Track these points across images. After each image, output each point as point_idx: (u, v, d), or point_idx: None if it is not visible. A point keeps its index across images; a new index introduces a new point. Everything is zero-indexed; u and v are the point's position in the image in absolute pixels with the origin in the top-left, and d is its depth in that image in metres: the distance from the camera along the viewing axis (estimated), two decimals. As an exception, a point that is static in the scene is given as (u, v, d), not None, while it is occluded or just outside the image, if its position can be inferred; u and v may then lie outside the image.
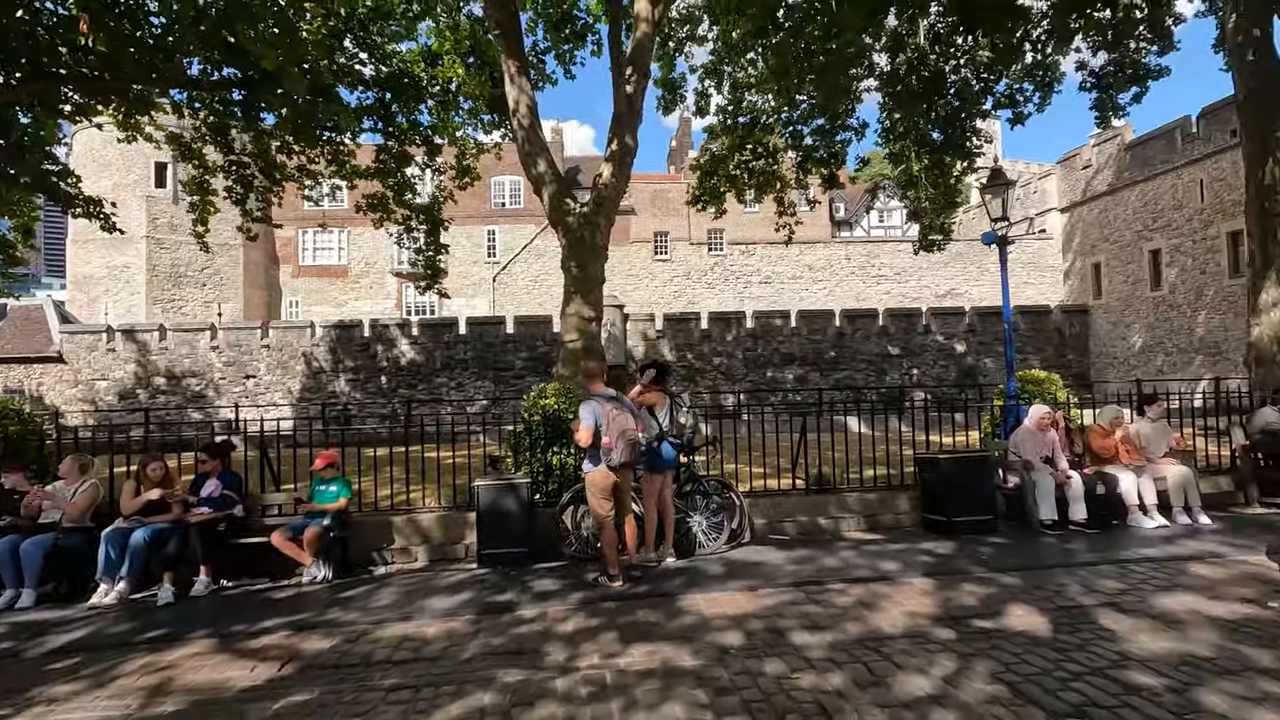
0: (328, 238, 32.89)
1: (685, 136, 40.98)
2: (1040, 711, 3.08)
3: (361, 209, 16.04)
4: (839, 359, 24.56)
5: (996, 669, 3.54)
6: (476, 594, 5.22)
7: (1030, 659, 3.67)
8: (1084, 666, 3.55)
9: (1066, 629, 4.09)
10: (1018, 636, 4.01)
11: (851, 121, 15.79)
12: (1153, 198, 23.18)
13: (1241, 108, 11.87)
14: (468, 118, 15.69)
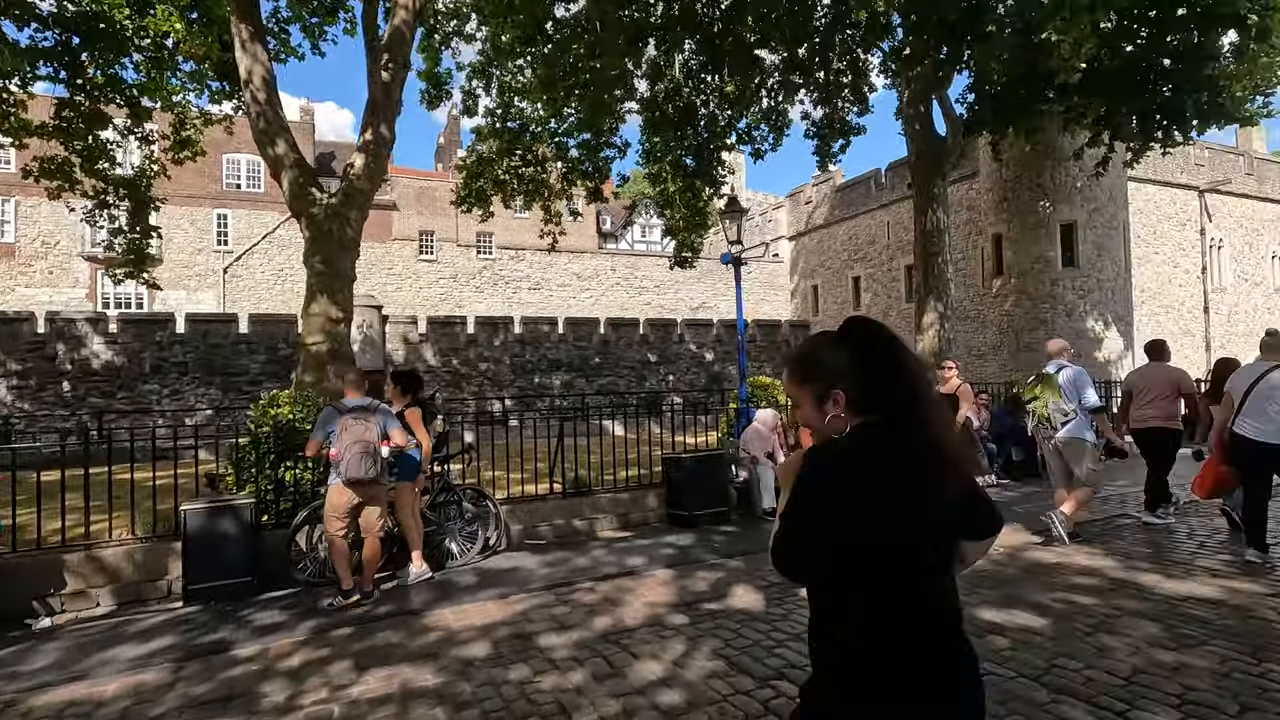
0: (-16, 207, 25.95)
1: (453, 135, 39.76)
2: (749, 678, 3.50)
3: (33, 174, 12.95)
4: (603, 365, 25.58)
5: (718, 646, 3.95)
6: (179, 637, 4.47)
7: (746, 633, 4.15)
8: (787, 634, 4.11)
9: (776, 603, 4.70)
10: (738, 614, 4.51)
11: (615, 140, 16.62)
12: (855, 233, 27.82)
13: (912, 166, 14.79)
14: (189, 81, 13.51)
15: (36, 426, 17.52)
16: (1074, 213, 17.74)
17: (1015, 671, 3.50)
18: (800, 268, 31.70)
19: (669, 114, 15.55)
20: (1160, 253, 22.66)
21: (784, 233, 32.86)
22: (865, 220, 27.27)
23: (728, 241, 9.06)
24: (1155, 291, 22.32)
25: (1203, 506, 7.26)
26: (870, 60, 15.13)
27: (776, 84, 15.97)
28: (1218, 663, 3.54)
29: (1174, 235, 23.17)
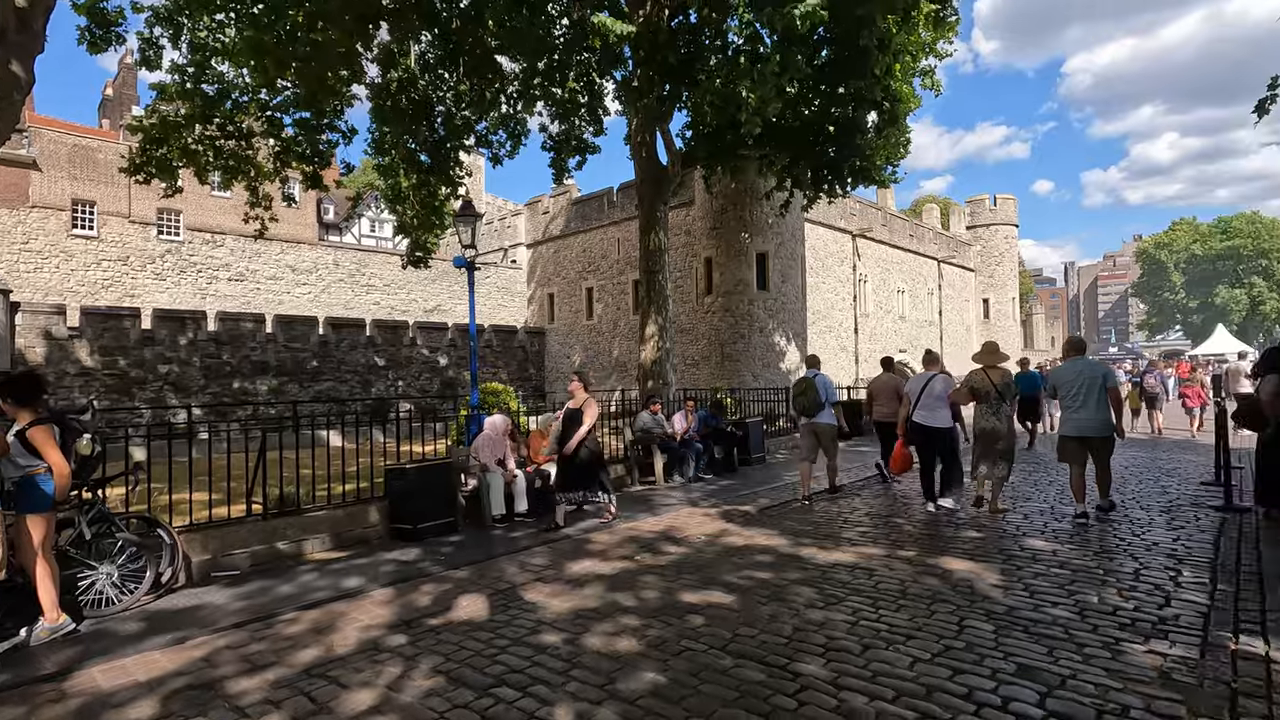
0: None
1: (128, 87, 32.86)
2: (468, 690, 3.47)
3: None
4: (322, 369, 23.18)
5: (438, 662, 3.84)
6: None
7: (468, 644, 4.10)
8: (509, 639, 4.16)
9: (501, 609, 4.73)
10: (461, 625, 4.44)
11: (340, 123, 15.23)
12: (589, 246, 29.23)
13: (639, 189, 16.05)
14: None
15: None
16: (767, 244, 20.84)
17: (707, 645, 3.99)
18: (538, 275, 32.29)
19: (402, 105, 14.73)
20: (826, 283, 27.73)
21: (523, 240, 33.19)
22: (599, 235, 28.79)
23: (461, 245, 8.89)
24: (823, 314, 27.22)
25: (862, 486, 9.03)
26: (605, 85, 16.06)
27: (516, 92, 16.11)
28: (850, 614, 4.44)
29: (836, 269, 28.55)
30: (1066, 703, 3.19)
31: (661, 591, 5.03)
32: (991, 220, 40.81)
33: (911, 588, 4.94)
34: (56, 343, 18.45)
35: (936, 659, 3.71)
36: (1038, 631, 4.06)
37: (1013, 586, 4.91)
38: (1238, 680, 3.38)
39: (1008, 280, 40.84)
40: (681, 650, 3.92)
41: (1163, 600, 4.57)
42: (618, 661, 3.79)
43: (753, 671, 3.62)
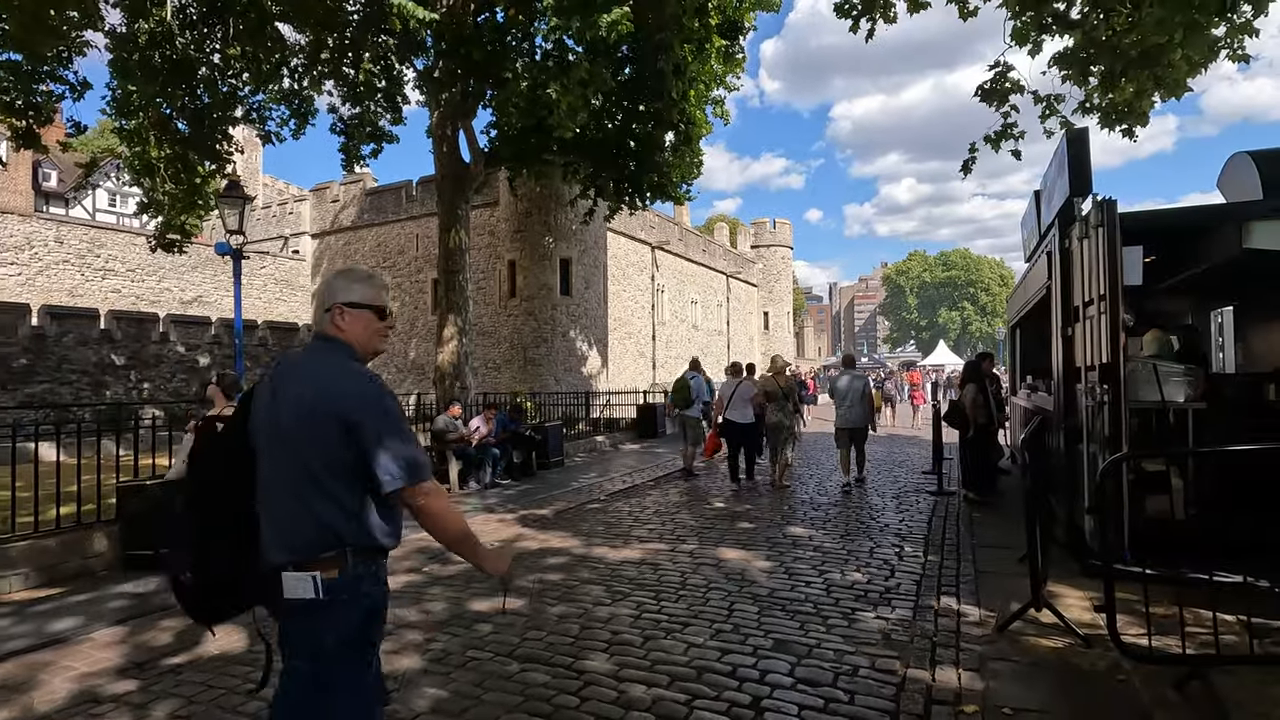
0: None
1: None
2: (215, 733, 3.07)
3: None
4: (36, 368, 19.06)
5: (177, 706, 3.35)
6: None
7: (219, 682, 3.63)
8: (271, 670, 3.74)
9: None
10: (211, 662, 3.91)
11: (67, 74, 12.68)
12: (385, 240, 27.45)
13: (439, 185, 15.42)
14: None
15: None
16: (570, 250, 21.15)
17: (493, 653, 3.94)
18: (324, 268, 29.59)
19: (155, 62, 12.69)
20: (626, 291, 28.84)
21: (307, 229, 30.22)
22: (396, 229, 27.17)
23: (226, 230, 7.86)
24: (624, 321, 28.26)
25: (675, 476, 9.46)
26: (406, 72, 15.22)
27: (301, 66, 14.66)
28: (634, 608, 4.66)
29: (636, 278, 29.81)
30: (811, 669, 3.65)
31: (449, 602, 4.87)
32: (772, 241, 45.39)
33: (691, 578, 5.31)
34: None
35: (708, 642, 4.03)
36: (793, 609, 4.58)
37: (776, 571, 5.49)
38: (937, 634, 4.11)
39: (784, 296, 45.69)
40: (466, 661, 3.83)
41: (889, 573, 5.40)
42: (395, 680, 3.59)
43: (538, 674, 3.65)
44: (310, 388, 1.89)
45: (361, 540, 1.87)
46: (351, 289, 2.00)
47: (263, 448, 1.93)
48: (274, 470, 1.90)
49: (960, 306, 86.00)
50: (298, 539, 1.85)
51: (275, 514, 1.89)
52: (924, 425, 19.85)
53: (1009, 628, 4.07)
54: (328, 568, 1.83)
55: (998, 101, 7.59)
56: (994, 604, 4.53)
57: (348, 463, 1.84)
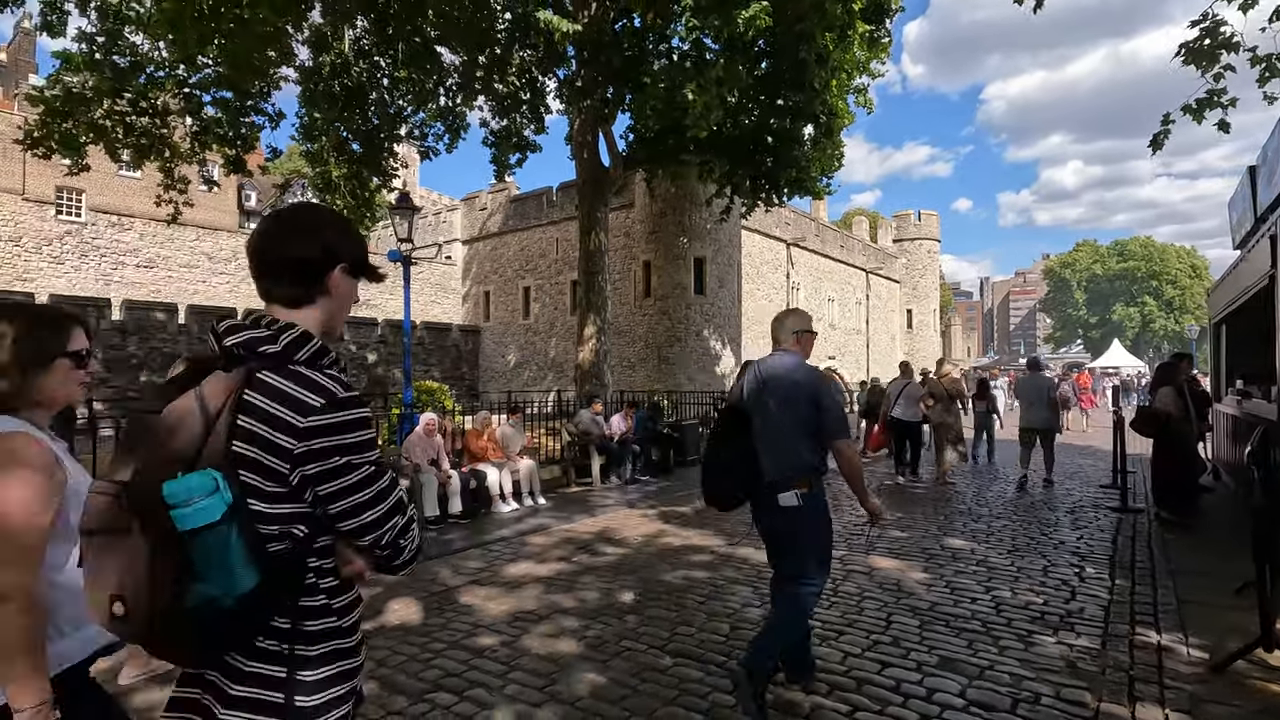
0: None
1: (24, 55, 30.33)
2: (402, 697, 3.37)
3: None
4: (240, 363, 22.02)
5: (370, 669, 3.70)
6: None
7: (402, 649, 3.98)
8: (445, 643, 4.06)
9: (435, 613, 4.61)
10: (394, 631, 4.30)
11: (266, 106, 14.52)
12: (527, 245, 28.91)
13: (580, 190, 16.00)
14: None
15: None
16: (704, 249, 21.16)
17: (646, 645, 4.01)
18: (474, 273, 31.69)
19: (335, 91, 14.20)
20: (760, 289, 28.39)
21: (459, 236, 32.50)
22: (537, 234, 28.52)
23: (397, 239, 8.62)
24: (758, 319, 27.85)
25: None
26: (547, 83, 15.94)
27: (455, 85, 15.78)
28: (785, 612, 4.55)
29: (770, 276, 29.27)
30: (985, 692, 3.38)
31: (600, 592, 5.02)
32: (916, 235, 42.77)
33: (843, 586, 5.11)
34: (-66, 328, 16.82)
35: (866, 653, 3.85)
36: (959, 626, 4.27)
37: (935, 584, 5.15)
38: (1135, 667, 3.66)
39: (930, 292, 42.90)
40: (621, 650, 3.93)
41: (1069, 595, 4.89)
42: (557, 664, 3.76)
43: (692, 670, 3.66)
44: (789, 379, 3.30)
45: (820, 469, 3.26)
46: (804, 322, 3.49)
47: (758, 413, 3.31)
48: (768, 426, 3.27)
49: (1140, 302, 76.40)
50: (787, 469, 3.21)
51: (772, 453, 3.23)
52: (1096, 432, 17.93)
53: (1228, 668, 3.54)
54: (802, 486, 3.20)
55: (1206, 63, 6.60)
56: (1205, 639, 3.97)
57: (811, 423, 3.21)
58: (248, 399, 1.18)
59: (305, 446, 1.18)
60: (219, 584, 1.09)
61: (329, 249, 1.32)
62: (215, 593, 1.09)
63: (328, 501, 1.22)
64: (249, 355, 1.22)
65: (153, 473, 1.11)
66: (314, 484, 1.20)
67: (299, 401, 1.18)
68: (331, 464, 1.20)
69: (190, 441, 1.14)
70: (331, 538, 1.27)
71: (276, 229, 1.31)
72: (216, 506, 1.09)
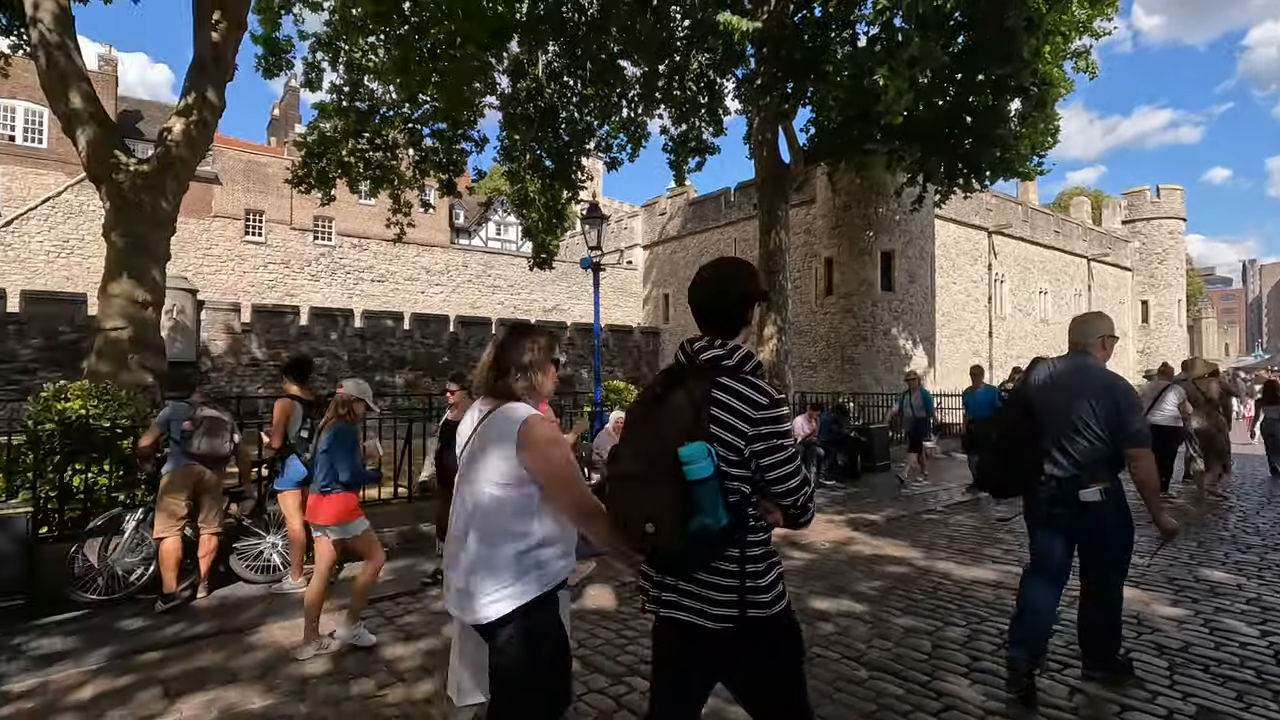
0: None
1: (291, 108, 36.50)
2: (602, 676, 3.58)
3: None
4: (453, 364, 24.67)
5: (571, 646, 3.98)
6: (-77, 675, 3.71)
7: (599, 632, 4.22)
8: (638, 631, 4.24)
9: (627, 601, 4.83)
10: (591, 614, 4.58)
11: (473, 133, 16.15)
12: (706, 247, 29.21)
13: (759, 188, 15.85)
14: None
15: None
16: (893, 243, 19.92)
17: (840, 654, 3.87)
18: (654, 276, 32.67)
19: (529, 113, 15.41)
20: (957, 283, 26.09)
21: (639, 241, 33.71)
22: (715, 235, 28.71)
23: (588, 247, 9.16)
24: (953, 316, 25.65)
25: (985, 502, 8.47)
26: (725, 85, 16.00)
27: (637, 96, 16.39)
28: (996, 634, 4.16)
29: (968, 269, 26.79)
30: (1266, 755, 2.82)
31: (790, 596, 4.93)
32: (1154, 214, 36.75)
33: (1067, 613, 4.55)
34: (234, 336, 20.85)
35: (1101, 692, 3.40)
36: (1222, 673, 3.61)
37: (1189, 621, 4.40)
38: None
39: (1172, 280, 36.63)
40: (812, 657, 3.83)
41: (1386, 650, 3.93)
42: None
43: (890, 685, 3.48)
44: (1095, 381, 3.30)
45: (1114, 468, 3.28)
46: (1109, 327, 3.48)
47: (1049, 410, 3.33)
48: (1060, 423, 3.28)
49: None
50: (1085, 466, 3.23)
51: (1066, 450, 3.27)
52: None
53: None
54: (1103, 483, 3.23)
55: None
56: None
57: (1110, 426, 3.20)
58: (716, 396, 1.77)
59: (755, 431, 1.75)
60: (711, 517, 1.65)
61: (750, 293, 1.96)
62: (709, 522, 1.65)
63: (766, 470, 1.77)
64: (712, 367, 1.84)
65: (669, 439, 1.69)
66: (757, 457, 1.76)
67: (751, 400, 1.76)
68: (770, 443, 1.76)
69: (687, 421, 1.73)
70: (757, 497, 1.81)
71: (716, 281, 1.99)
72: (709, 466, 1.65)
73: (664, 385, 1.87)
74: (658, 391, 1.88)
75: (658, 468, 1.68)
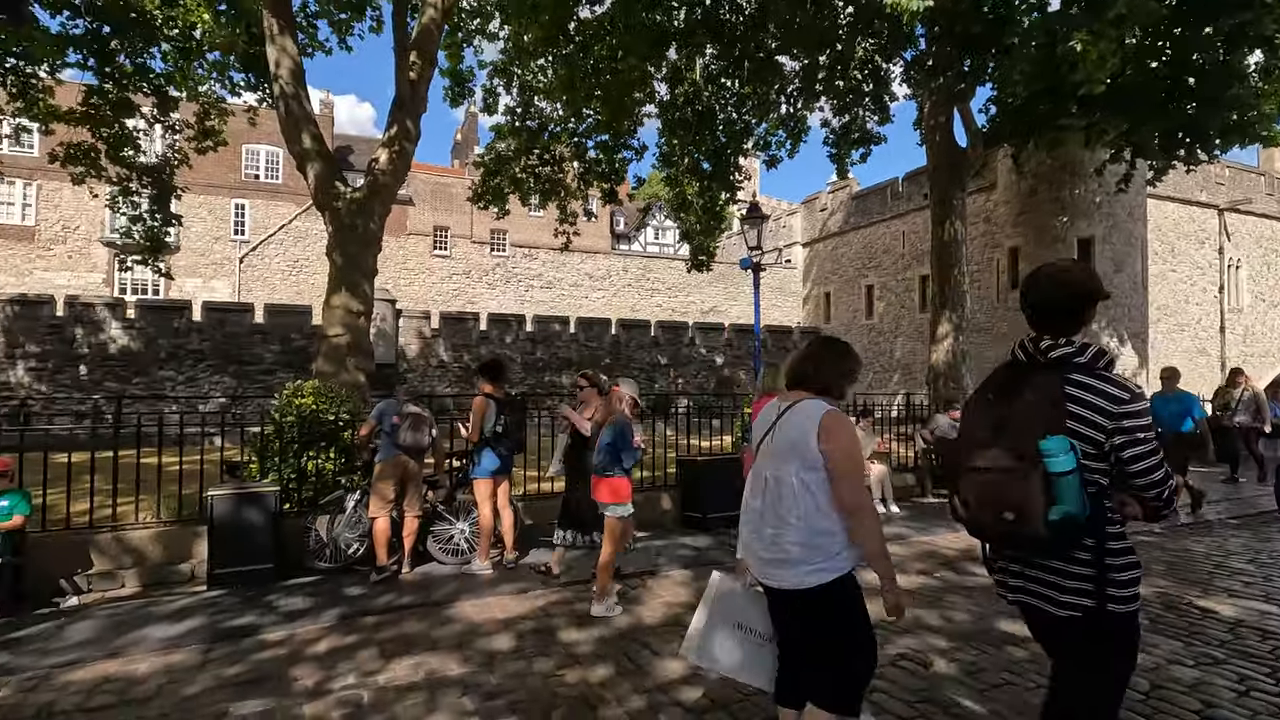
0: (7, 190, 26.24)
1: (471, 132, 39.91)
2: (771, 680, 3.54)
3: (59, 159, 13.12)
4: (614, 366, 25.63)
5: (738, 647, 3.98)
6: (207, 619, 4.55)
7: (765, 635, 4.18)
8: (805, 637, 4.14)
9: (793, 606, 4.74)
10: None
11: (633, 142, 16.67)
12: (870, 242, 27.79)
13: (931, 177, 14.78)
14: (214, 72, 13.67)
15: (53, 409, 17.76)
16: (1092, 228, 17.66)
17: (1036, 683, 3.52)
18: (814, 274, 31.67)
19: (687, 117, 15.60)
20: (1177, 270, 22.53)
21: (798, 239, 32.84)
22: (881, 229, 27.23)
23: (748, 247, 9.10)
24: (1172, 309, 22.20)
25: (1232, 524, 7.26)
26: (892, 70, 15.13)
27: (796, 91, 16.00)
28: (1235, 680, 3.56)
29: (1192, 253, 23.04)
30: None
31: (972, 616, 4.58)
32: None
33: (1333, 661, 3.78)
34: (424, 340, 23.24)
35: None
36: None
37: None
38: None
39: None
40: (1000, 683, 3.53)
41: None
42: (925, 680, 3.55)
43: (1099, 724, 3.10)
44: None
45: None
46: None
47: None
48: None
49: None
50: None
51: None
52: None
53: None
54: None
55: None
56: None
57: None
58: (1071, 392, 1.86)
59: (1115, 425, 1.82)
60: (1074, 507, 1.76)
61: (1093, 292, 2.01)
62: (1072, 512, 1.76)
63: (1128, 463, 1.83)
64: (1062, 364, 1.92)
65: (1027, 434, 1.82)
66: (1117, 450, 1.83)
67: (1112, 395, 1.84)
68: (1132, 436, 1.82)
69: (1045, 416, 1.85)
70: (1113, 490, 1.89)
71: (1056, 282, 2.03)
72: (1070, 460, 1.76)
73: (1007, 382, 1.99)
74: (1000, 388, 2.00)
75: (1018, 461, 1.79)
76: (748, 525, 2.50)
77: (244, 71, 13.40)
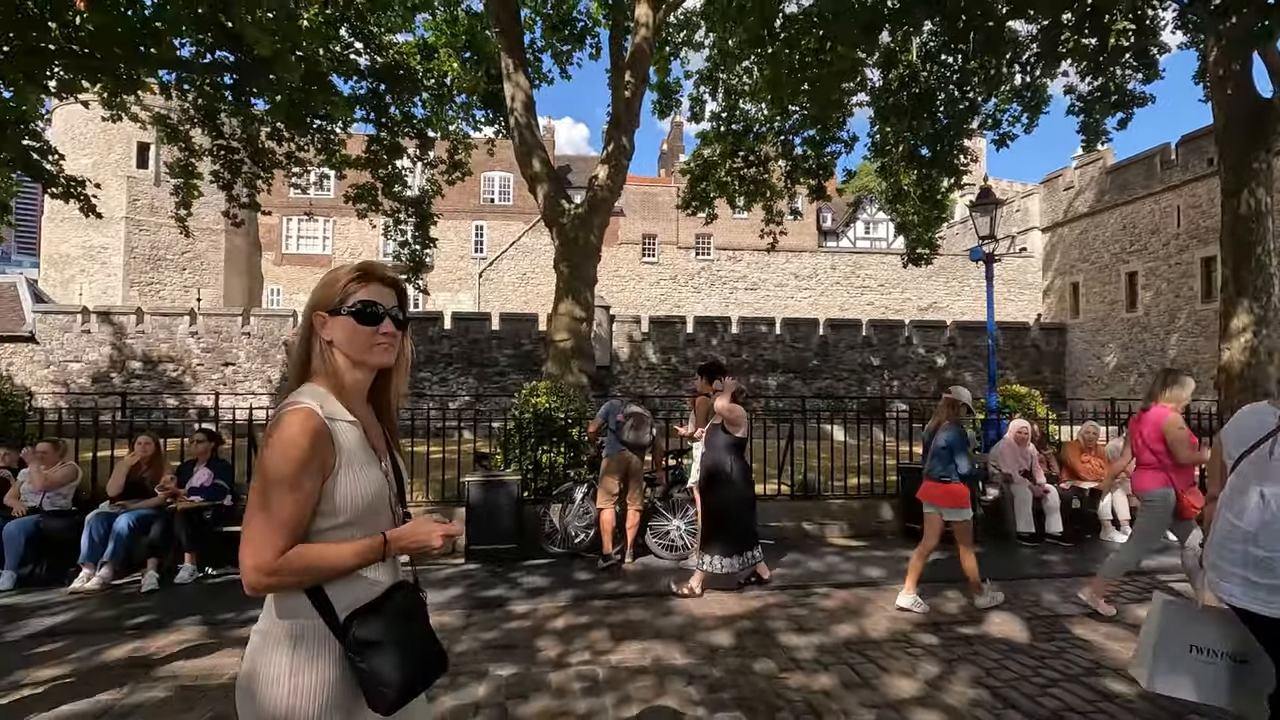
0: (312, 226, 32.50)
1: (677, 141, 41.09)
2: (1017, 714, 3.19)
3: (349, 199, 15.93)
4: (821, 367, 24.80)
5: (978, 674, 3.65)
6: (466, 589, 5.23)
7: (1009, 665, 3.79)
8: (1059, 673, 3.68)
9: (1044, 637, 4.22)
10: (997, 643, 4.13)
11: (842, 134, 15.99)
12: (1131, 221, 23.73)
13: (1220, 138, 12.22)
14: (461, 112, 15.68)
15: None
16: None
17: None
18: (1057, 263, 27.86)
19: (902, 102, 14.58)
20: None
21: (1035, 224, 29.11)
22: (1146, 205, 23.14)
23: (978, 236, 8.28)
24: None
25: None
26: (1162, 16, 12.78)
27: (1033, 58, 14.19)
28: None
29: None
30: None
31: None
32: None
33: None
34: (635, 344, 24.45)
35: None
36: None
37: None
38: None
39: None
40: None
41: None
42: (1230, 745, 2.95)
43: None
44: None
45: None
46: None
47: None
48: None
49: None
50: None
51: None
52: None
53: None
54: None
55: None
56: None
57: None
58: None
59: None
60: None
61: None
62: None
63: None
64: None
65: None
66: None
67: None
68: None
69: None
70: None
71: None
72: None
73: None
74: None
75: None
76: (1226, 545, 2.33)
77: (484, 108, 15.20)
